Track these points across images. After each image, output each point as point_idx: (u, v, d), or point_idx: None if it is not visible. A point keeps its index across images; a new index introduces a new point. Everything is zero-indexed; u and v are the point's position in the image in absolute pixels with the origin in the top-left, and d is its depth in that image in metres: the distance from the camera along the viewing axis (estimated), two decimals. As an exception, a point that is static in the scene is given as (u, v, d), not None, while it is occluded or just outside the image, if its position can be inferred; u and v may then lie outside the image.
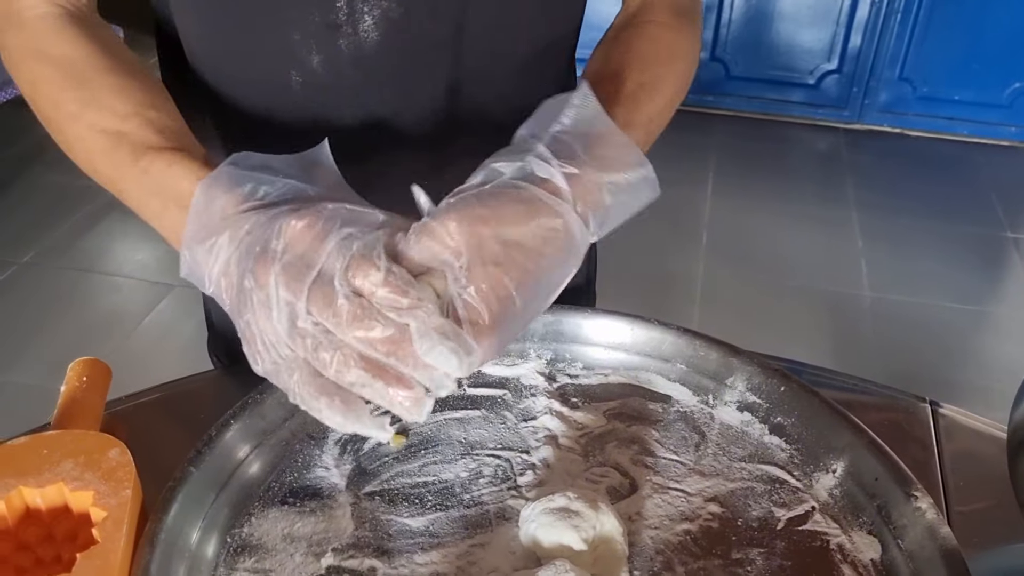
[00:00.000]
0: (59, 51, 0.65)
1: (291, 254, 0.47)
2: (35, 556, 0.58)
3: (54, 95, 0.64)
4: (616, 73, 0.68)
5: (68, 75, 0.64)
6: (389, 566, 0.60)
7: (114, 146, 0.61)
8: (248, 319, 0.49)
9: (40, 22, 0.66)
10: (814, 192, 3.08)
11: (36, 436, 0.61)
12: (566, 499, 0.61)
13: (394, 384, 0.48)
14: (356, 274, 0.46)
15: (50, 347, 2.22)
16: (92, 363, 0.71)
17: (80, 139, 0.63)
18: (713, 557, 0.62)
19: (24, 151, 3.07)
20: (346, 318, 0.46)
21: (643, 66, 0.70)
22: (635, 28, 0.74)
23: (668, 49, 0.73)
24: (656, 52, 0.72)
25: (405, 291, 0.46)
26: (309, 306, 0.46)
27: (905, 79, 3.36)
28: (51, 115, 0.65)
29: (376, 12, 0.68)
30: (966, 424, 0.78)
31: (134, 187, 0.60)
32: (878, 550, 0.63)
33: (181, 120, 0.64)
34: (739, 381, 0.74)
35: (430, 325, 0.46)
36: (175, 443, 0.66)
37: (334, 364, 0.47)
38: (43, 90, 0.65)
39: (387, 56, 0.71)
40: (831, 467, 0.68)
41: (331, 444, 0.70)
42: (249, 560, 0.60)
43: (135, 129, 0.60)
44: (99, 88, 0.62)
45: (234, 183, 0.51)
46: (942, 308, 2.51)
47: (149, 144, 0.59)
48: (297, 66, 0.70)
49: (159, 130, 0.60)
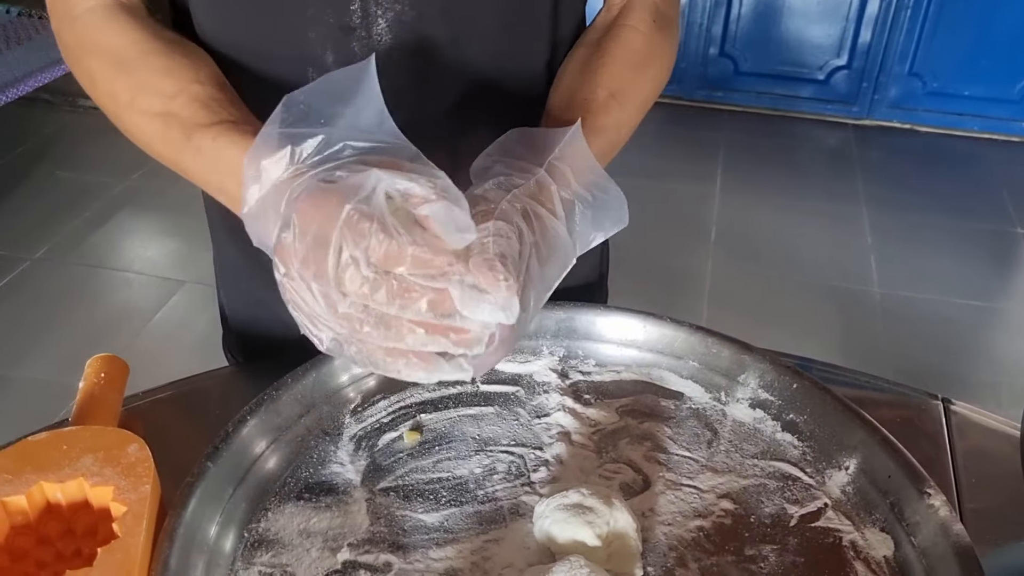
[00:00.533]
0: (109, 42, 0.66)
1: (307, 241, 0.46)
2: (56, 550, 0.58)
3: (108, 86, 0.66)
4: (591, 78, 0.71)
5: (118, 64, 0.65)
6: (404, 561, 0.61)
7: (166, 127, 0.62)
8: (290, 307, 0.49)
9: (90, 15, 0.67)
10: (823, 188, 3.08)
11: (56, 432, 0.61)
12: (580, 495, 0.62)
13: (452, 333, 0.48)
14: (374, 253, 0.46)
15: (62, 343, 2.24)
16: (110, 360, 0.71)
17: (136, 126, 0.65)
18: (726, 553, 0.63)
19: (33, 149, 3.09)
20: (384, 297, 0.46)
21: (618, 73, 0.72)
22: (614, 32, 0.75)
23: (643, 57, 0.75)
24: (631, 59, 0.74)
25: (430, 259, 0.46)
26: (342, 291, 0.46)
27: (915, 74, 3.35)
28: (109, 106, 0.67)
29: (389, 15, 0.69)
30: (978, 421, 0.78)
31: (192, 166, 0.62)
32: (891, 547, 0.63)
33: (227, 87, 0.65)
34: (751, 378, 0.75)
35: (467, 284, 0.46)
36: (191, 439, 0.67)
37: (389, 338, 0.47)
38: (99, 83, 0.67)
39: (399, 57, 0.71)
40: (844, 464, 0.68)
41: (346, 440, 0.70)
42: (266, 555, 0.61)
43: (182, 107, 0.62)
44: (146, 72, 0.64)
45: (273, 149, 0.51)
46: (952, 304, 2.50)
47: (197, 121, 0.61)
48: (314, 64, 0.71)
49: (204, 104, 0.62)
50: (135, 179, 2.94)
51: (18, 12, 3.28)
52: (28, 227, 2.66)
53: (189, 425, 0.76)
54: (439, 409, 0.74)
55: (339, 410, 0.72)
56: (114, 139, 2.79)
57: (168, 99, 0.63)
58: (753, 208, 2.93)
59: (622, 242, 1.15)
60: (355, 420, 0.72)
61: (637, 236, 2.71)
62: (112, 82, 0.66)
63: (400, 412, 0.73)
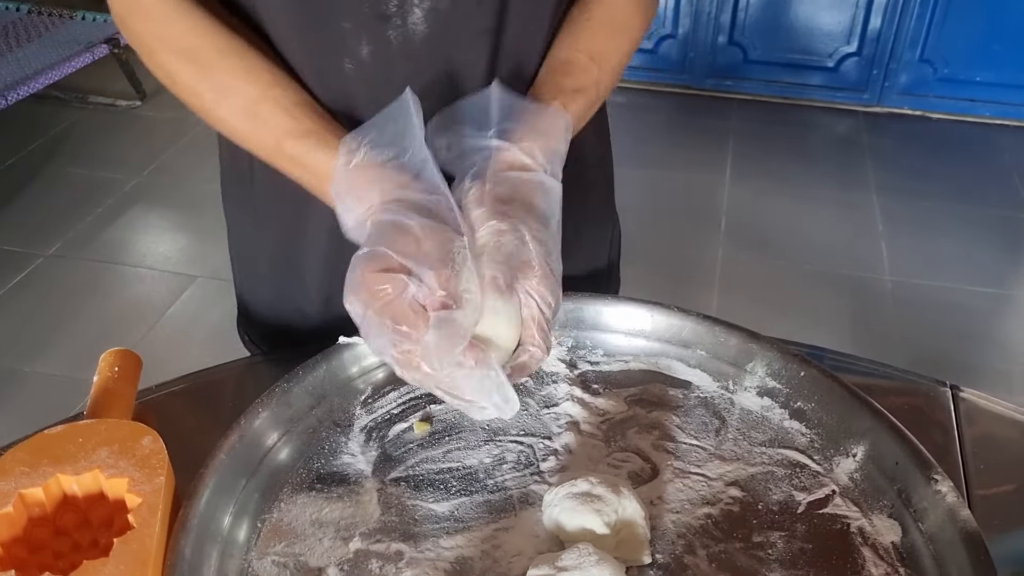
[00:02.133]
0: (184, 40, 0.70)
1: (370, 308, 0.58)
2: (72, 541, 0.59)
3: (191, 86, 0.71)
4: (573, 42, 0.76)
5: (199, 66, 0.70)
6: (415, 550, 0.62)
7: (255, 130, 0.70)
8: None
9: (159, 7, 0.70)
10: (834, 176, 3.06)
11: (71, 425, 0.62)
12: (588, 484, 0.62)
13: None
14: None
15: (76, 338, 2.26)
16: (123, 353, 0.72)
17: (224, 123, 0.71)
18: (734, 540, 0.63)
19: (44, 146, 3.11)
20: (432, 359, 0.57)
21: (599, 36, 0.77)
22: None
23: (623, 19, 0.79)
24: (612, 22, 0.78)
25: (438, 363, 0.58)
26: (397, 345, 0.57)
27: (926, 60, 3.33)
28: (194, 104, 0.72)
29: (426, 5, 0.70)
30: (987, 408, 0.78)
31: (286, 167, 0.70)
32: (898, 533, 0.63)
33: (300, 91, 0.71)
34: (759, 367, 0.75)
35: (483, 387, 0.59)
36: (203, 432, 0.67)
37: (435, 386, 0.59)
38: (181, 83, 0.71)
39: (434, 46, 0.72)
40: (851, 451, 0.69)
41: (356, 431, 0.71)
42: (279, 544, 0.61)
43: (269, 114, 0.69)
44: (227, 74, 0.70)
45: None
46: (963, 291, 2.49)
47: (285, 129, 0.68)
48: (349, 53, 0.72)
49: (288, 110, 0.69)
50: (146, 175, 2.95)
51: (28, 9, 3.30)
52: (41, 224, 2.68)
53: (201, 418, 0.77)
54: (449, 400, 0.74)
55: (350, 402, 0.73)
56: (125, 136, 2.80)
57: (253, 103, 0.69)
58: (763, 196, 2.92)
59: (632, 231, 1.15)
60: (365, 411, 0.73)
61: (647, 225, 2.72)
62: (194, 82, 0.70)
63: (410, 403, 0.74)
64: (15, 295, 2.40)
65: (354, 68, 0.72)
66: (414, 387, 0.75)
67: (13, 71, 2.84)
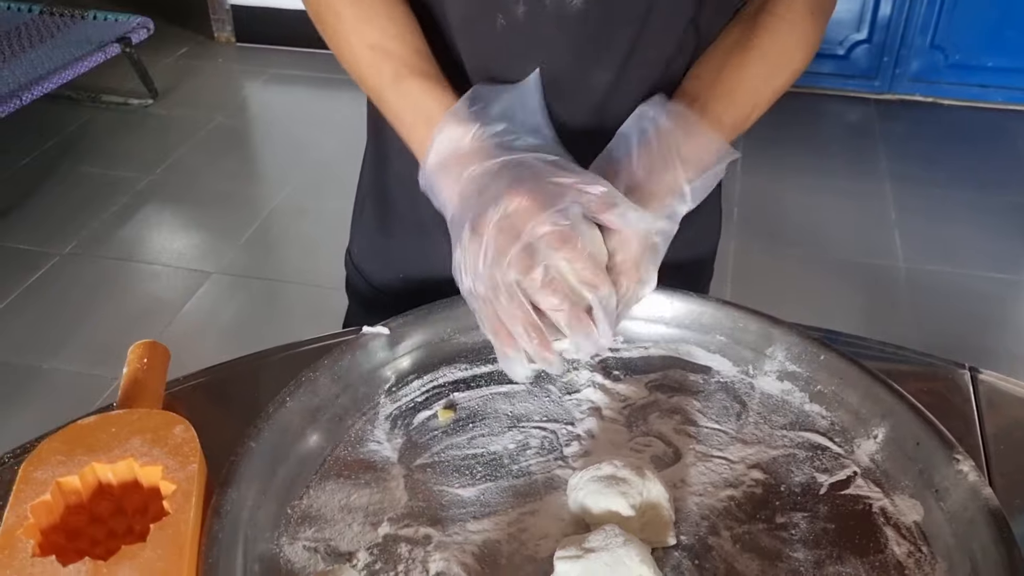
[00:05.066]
0: None
1: (506, 223, 0.61)
2: (108, 528, 0.61)
3: (337, 7, 0.75)
4: (732, 73, 0.77)
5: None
6: (443, 534, 0.62)
7: (380, 61, 0.74)
8: (461, 252, 0.63)
9: None
10: (846, 164, 3.06)
11: (104, 415, 0.63)
12: (613, 467, 0.63)
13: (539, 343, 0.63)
14: (557, 250, 0.60)
15: (93, 335, 2.28)
16: (151, 345, 0.73)
17: (352, 49, 0.75)
18: (757, 521, 0.64)
19: (58, 145, 3.13)
20: (539, 285, 0.61)
21: (756, 72, 0.77)
22: (765, 21, 0.78)
23: (787, 51, 0.79)
24: (774, 58, 0.79)
25: (593, 276, 0.62)
26: (511, 268, 0.60)
27: (937, 47, 3.31)
28: (330, 21, 0.76)
29: None
30: (1006, 390, 0.78)
31: (393, 101, 0.74)
32: (920, 512, 0.64)
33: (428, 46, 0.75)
34: (779, 351, 0.76)
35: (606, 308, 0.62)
36: (231, 422, 0.68)
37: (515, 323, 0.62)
38: (329, 1, 0.76)
39: (584, 22, 0.74)
40: (872, 433, 0.69)
41: (382, 419, 0.72)
42: (310, 530, 0.62)
43: (398, 49, 0.74)
44: (373, 8, 0.74)
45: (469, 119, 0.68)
46: (977, 277, 2.49)
47: (409, 65, 0.73)
48: (504, 9, 0.74)
49: (417, 51, 0.74)
50: (159, 173, 2.97)
51: (40, 10, 3.32)
52: (56, 223, 2.70)
53: (228, 409, 0.78)
54: (471, 387, 0.75)
55: (374, 390, 0.74)
56: (138, 134, 2.82)
57: (388, 38, 0.74)
58: (775, 186, 2.92)
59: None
60: (390, 400, 0.74)
61: (659, 217, 2.71)
62: (343, 6, 0.75)
63: (434, 391, 0.75)
64: (32, 293, 2.42)
65: (506, 25, 0.74)
66: (437, 376, 0.76)
67: (26, 71, 2.86)
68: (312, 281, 2.46)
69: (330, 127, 3.17)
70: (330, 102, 3.37)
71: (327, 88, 3.43)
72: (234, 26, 3.87)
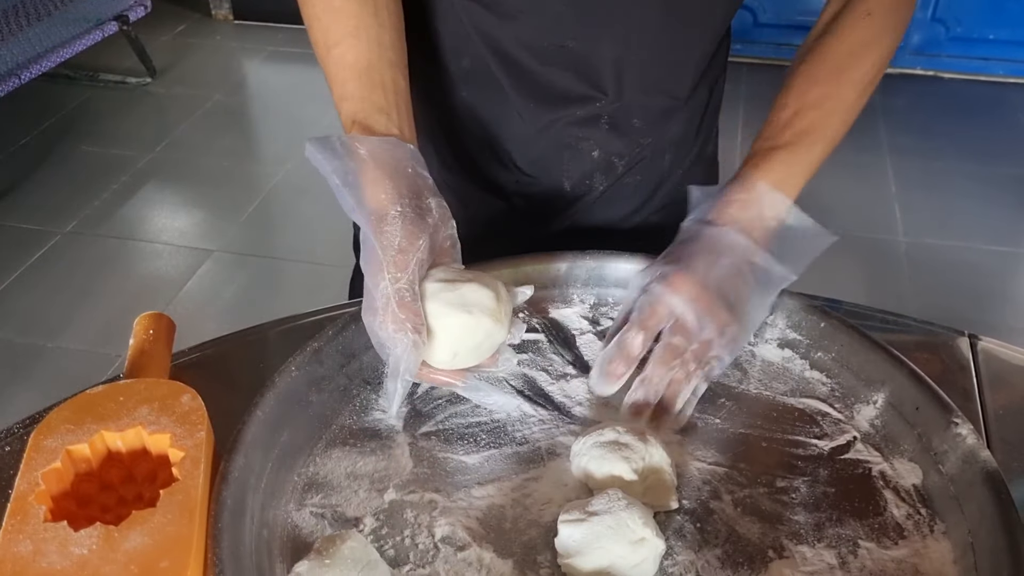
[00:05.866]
0: None
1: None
2: (118, 495, 0.61)
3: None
4: (780, 96, 0.80)
5: None
6: (448, 499, 0.63)
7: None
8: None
9: None
10: (846, 138, 3.03)
11: (112, 385, 0.64)
12: (615, 432, 0.64)
13: None
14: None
15: (96, 314, 2.28)
16: (157, 317, 0.74)
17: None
18: (758, 486, 0.65)
19: (56, 125, 3.12)
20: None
21: (809, 85, 0.78)
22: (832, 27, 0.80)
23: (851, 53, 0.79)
24: (833, 63, 0.79)
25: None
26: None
27: (938, 20, 3.30)
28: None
29: None
30: (1006, 357, 0.79)
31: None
32: (919, 475, 0.65)
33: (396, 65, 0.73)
34: (779, 318, 0.76)
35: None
36: (236, 392, 0.69)
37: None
38: None
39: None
40: (872, 399, 0.70)
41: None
42: (317, 496, 0.63)
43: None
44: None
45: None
46: (978, 251, 2.49)
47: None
48: None
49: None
50: (159, 152, 2.97)
51: (36, -12, 3.30)
52: (57, 202, 2.70)
53: (232, 380, 0.78)
54: (475, 357, 0.76)
55: (379, 360, 0.74)
56: (136, 113, 2.81)
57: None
58: (775, 161, 2.90)
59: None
60: (394, 369, 0.74)
61: (659, 192, 2.70)
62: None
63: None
64: (34, 273, 2.42)
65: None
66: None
67: (24, 50, 2.84)
68: (312, 258, 2.46)
69: (329, 104, 3.11)
70: (329, 79, 3.35)
71: (326, 65, 3.41)
72: (231, 3, 3.85)
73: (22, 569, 0.51)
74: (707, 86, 0.92)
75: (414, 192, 0.65)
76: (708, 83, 0.92)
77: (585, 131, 0.87)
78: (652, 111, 0.87)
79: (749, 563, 0.59)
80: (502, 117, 0.87)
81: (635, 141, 0.89)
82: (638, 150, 0.90)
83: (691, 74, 0.87)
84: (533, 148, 0.88)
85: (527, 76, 0.83)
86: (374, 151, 0.65)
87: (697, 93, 0.90)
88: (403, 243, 0.62)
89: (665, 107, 0.88)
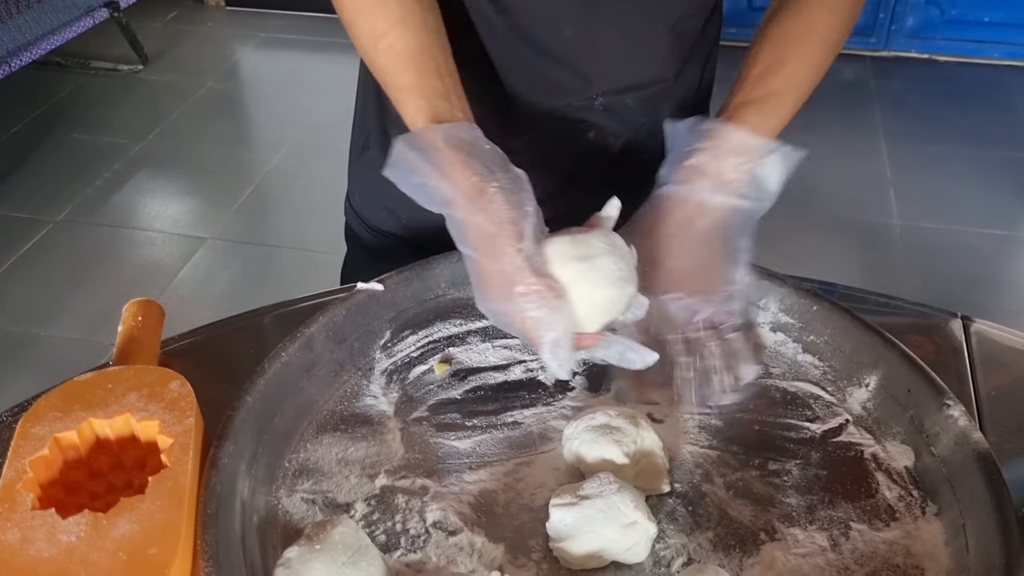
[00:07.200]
0: None
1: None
2: (107, 482, 0.61)
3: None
4: (747, 54, 0.81)
5: None
6: (440, 484, 0.63)
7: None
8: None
9: None
10: (841, 122, 3.04)
11: (101, 372, 0.64)
12: (607, 416, 0.64)
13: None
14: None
15: (89, 302, 2.27)
16: (146, 303, 0.73)
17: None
18: (751, 469, 0.65)
19: (48, 112, 3.10)
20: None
21: (773, 46, 0.81)
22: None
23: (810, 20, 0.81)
24: (794, 30, 0.81)
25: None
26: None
27: (933, 2, 3.28)
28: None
29: None
30: (999, 338, 0.79)
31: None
32: (911, 457, 0.64)
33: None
34: (772, 302, 0.76)
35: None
36: (226, 379, 0.69)
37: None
38: None
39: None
40: (864, 381, 0.70)
41: (377, 374, 0.72)
42: (307, 482, 0.63)
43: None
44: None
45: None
46: (973, 234, 2.49)
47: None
48: None
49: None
50: (151, 139, 2.95)
51: (25, -25, 3.27)
52: (49, 190, 2.68)
53: (222, 366, 0.78)
54: (467, 342, 0.75)
55: (369, 346, 0.74)
56: (128, 100, 2.79)
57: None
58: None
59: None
60: (385, 355, 0.74)
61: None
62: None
63: (429, 346, 0.75)
64: (26, 261, 2.41)
65: None
66: (432, 331, 0.76)
67: (14, 37, 2.82)
68: (306, 245, 2.45)
69: (322, 91, 3.13)
70: (321, 65, 3.33)
71: (318, 52, 3.39)
72: (223, -11, 3.82)
73: (10, 557, 0.51)
74: (699, 63, 0.91)
75: (500, 166, 0.64)
76: (699, 60, 0.91)
77: (581, 113, 0.86)
78: (644, 92, 0.87)
79: (741, 546, 0.59)
80: (495, 104, 0.87)
81: (630, 121, 0.88)
82: (634, 131, 0.89)
83: (680, 49, 0.86)
84: (529, 131, 0.88)
85: (523, 65, 0.83)
86: (449, 138, 0.64)
87: (688, 69, 0.89)
88: (513, 214, 0.61)
89: (656, 88, 0.87)
